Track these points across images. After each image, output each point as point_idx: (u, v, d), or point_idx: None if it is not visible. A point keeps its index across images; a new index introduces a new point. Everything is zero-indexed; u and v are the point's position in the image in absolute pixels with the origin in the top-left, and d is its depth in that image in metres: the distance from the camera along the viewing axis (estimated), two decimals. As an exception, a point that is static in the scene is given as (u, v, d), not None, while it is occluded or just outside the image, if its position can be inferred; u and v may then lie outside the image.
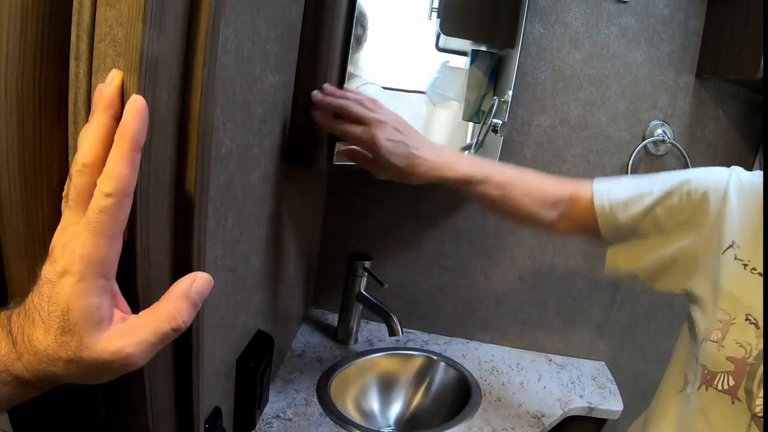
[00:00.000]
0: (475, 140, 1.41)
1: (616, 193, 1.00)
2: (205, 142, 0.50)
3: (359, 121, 0.98)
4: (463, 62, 1.37)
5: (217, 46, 0.49)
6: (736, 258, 0.87)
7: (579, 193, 1.03)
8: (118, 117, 0.43)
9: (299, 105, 0.99)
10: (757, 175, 0.92)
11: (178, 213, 0.52)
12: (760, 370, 0.79)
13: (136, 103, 0.42)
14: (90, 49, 0.46)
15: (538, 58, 1.50)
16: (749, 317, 0.82)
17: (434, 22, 1.24)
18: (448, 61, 1.34)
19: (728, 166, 0.99)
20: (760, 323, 0.81)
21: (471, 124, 1.44)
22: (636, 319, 1.69)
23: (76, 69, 0.47)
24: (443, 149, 1.04)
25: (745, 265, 0.85)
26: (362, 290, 1.49)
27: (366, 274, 1.48)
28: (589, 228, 1.03)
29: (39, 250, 0.49)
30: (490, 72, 1.42)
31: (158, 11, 0.44)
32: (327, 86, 1.01)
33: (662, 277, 0.99)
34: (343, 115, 0.99)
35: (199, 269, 0.55)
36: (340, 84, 1.05)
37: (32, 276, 0.44)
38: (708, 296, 0.90)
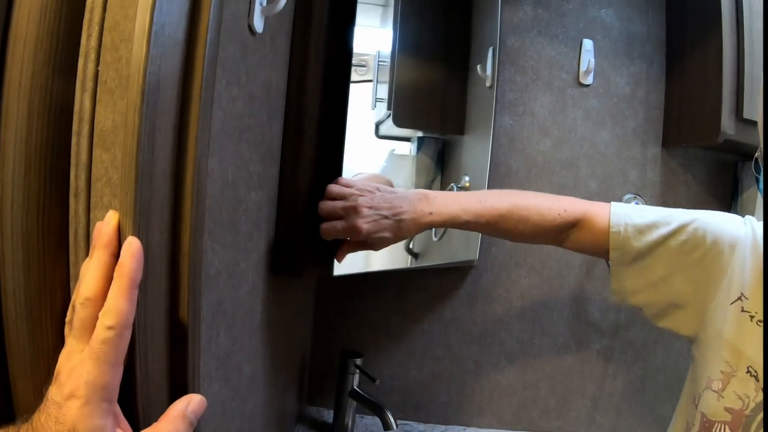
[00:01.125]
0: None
1: (633, 218, 1.00)
2: (196, 273, 0.54)
3: (338, 215, 1.01)
4: (407, 148, 1.42)
5: (204, 186, 0.54)
6: (743, 310, 0.89)
7: (593, 215, 1.04)
8: (116, 254, 0.48)
9: (283, 216, 1.03)
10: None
11: (173, 338, 0.55)
12: (757, 420, 0.81)
13: (133, 246, 0.47)
14: (88, 187, 0.50)
15: (510, 149, 1.57)
16: (750, 369, 0.84)
17: (376, 112, 1.28)
18: (394, 149, 1.39)
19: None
20: (760, 376, 0.83)
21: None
22: (630, 387, 1.69)
23: (76, 206, 0.51)
24: (428, 200, 1.04)
25: (752, 317, 0.88)
26: (355, 386, 1.50)
27: (358, 370, 1.50)
28: (597, 248, 1.03)
29: (43, 370, 0.52)
30: (437, 157, 1.48)
31: (149, 158, 0.48)
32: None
33: (667, 317, 1.00)
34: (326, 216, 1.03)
35: (194, 388, 0.58)
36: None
37: (37, 394, 0.47)
38: (712, 344, 0.91)
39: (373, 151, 1.35)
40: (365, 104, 1.27)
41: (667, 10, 1.62)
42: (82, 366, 0.45)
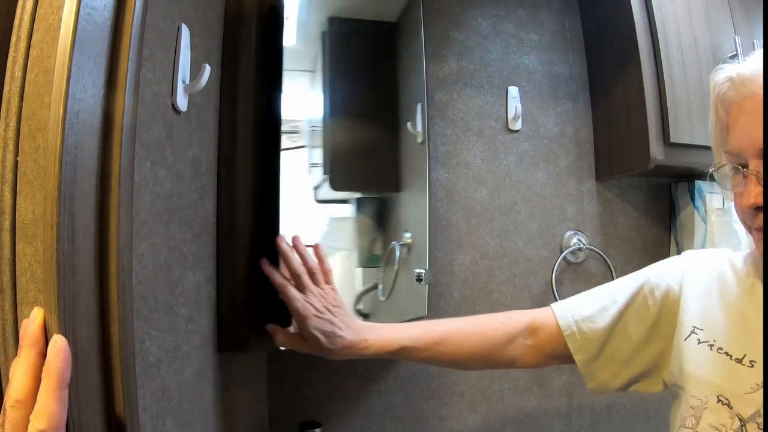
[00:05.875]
0: (373, 284, 1.41)
1: (580, 311, 1.01)
2: (129, 365, 0.52)
3: (302, 288, 1.00)
4: (346, 210, 1.42)
5: (131, 274, 0.53)
6: (699, 342, 0.88)
7: (538, 321, 1.03)
8: (44, 353, 0.46)
9: (224, 293, 1.01)
10: (709, 252, 0.98)
11: (112, 435, 0.53)
12: None
13: (58, 344, 0.45)
14: (13, 282, 0.49)
15: (447, 201, 1.58)
16: (721, 398, 0.82)
17: (313, 176, 1.30)
18: (333, 214, 1.40)
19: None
20: (733, 402, 0.80)
21: (360, 269, 1.44)
22: (598, 418, 1.69)
23: (2, 302, 0.49)
24: (367, 327, 1.04)
25: (711, 346, 0.86)
26: (318, 458, 1.46)
27: (318, 441, 1.46)
28: (559, 353, 1.02)
29: (-25, 473, 0.50)
30: (377, 216, 1.48)
31: (70, 251, 0.47)
32: (296, 237, 1.05)
33: (640, 382, 1.00)
34: (292, 278, 1.01)
35: (140, 486, 0.55)
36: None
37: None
38: (679, 383, 0.91)
39: (314, 216, 1.35)
40: (301, 170, 1.28)
41: (586, 49, 1.71)
42: None
